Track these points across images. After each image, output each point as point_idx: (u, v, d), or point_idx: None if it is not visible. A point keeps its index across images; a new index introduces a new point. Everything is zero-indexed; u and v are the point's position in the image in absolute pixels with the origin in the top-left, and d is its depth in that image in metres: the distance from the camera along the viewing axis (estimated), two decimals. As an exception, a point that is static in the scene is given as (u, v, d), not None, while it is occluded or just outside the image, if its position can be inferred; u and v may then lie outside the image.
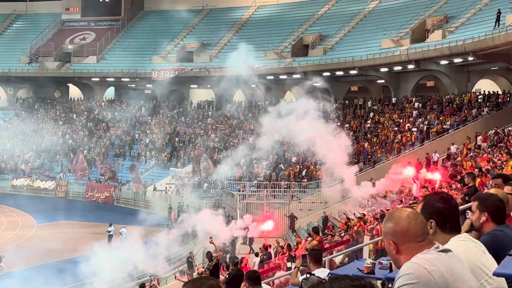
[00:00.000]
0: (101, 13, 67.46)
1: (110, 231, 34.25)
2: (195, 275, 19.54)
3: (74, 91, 66.56)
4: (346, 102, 51.64)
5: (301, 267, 9.33)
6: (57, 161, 55.89)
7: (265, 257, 20.91)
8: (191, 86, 59.79)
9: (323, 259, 13.55)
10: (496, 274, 3.37)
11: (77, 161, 51.89)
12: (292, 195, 38.75)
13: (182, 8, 63.49)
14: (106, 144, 55.96)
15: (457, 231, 3.69)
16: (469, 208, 5.82)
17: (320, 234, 19.14)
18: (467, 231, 4.36)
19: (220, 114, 56.48)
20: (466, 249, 3.56)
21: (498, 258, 3.70)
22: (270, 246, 24.81)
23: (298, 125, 26.13)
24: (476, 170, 16.68)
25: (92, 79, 62.91)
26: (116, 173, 50.61)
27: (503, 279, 3.55)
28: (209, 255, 17.86)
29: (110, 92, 65.46)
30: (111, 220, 35.70)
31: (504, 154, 23.88)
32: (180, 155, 51.47)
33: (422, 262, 3.01)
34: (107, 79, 62.50)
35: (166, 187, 47.27)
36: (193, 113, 58.44)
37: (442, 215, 3.67)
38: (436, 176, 24.70)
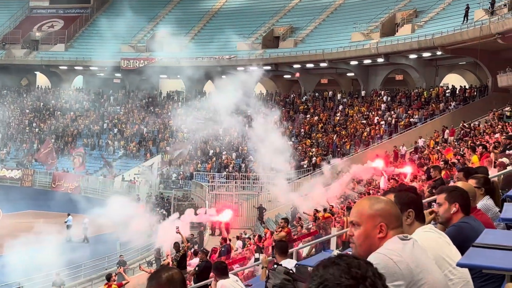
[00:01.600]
0: (70, 1, 66.56)
1: (67, 221, 34.07)
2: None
3: (42, 80, 65.64)
4: (316, 94, 51.82)
5: (269, 259, 9.34)
6: (23, 149, 55.11)
7: (223, 249, 20.88)
8: (161, 76, 59.38)
9: (291, 250, 13.60)
10: (460, 265, 3.41)
11: (46, 150, 51.22)
12: (261, 187, 38.79)
13: (152, -3, 63.08)
14: (74, 133, 55.34)
15: (423, 221, 3.77)
16: (435, 200, 5.88)
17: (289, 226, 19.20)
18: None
19: (189, 105, 56.19)
20: (431, 240, 3.60)
21: (463, 250, 3.74)
22: (237, 237, 24.85)
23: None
24: (442, 163, 16.87)
25: (60, 67, 62.09)
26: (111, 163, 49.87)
27: (466, 270, 3.59)
28: (176, 245, 17.80)
29: (78, 81, 64.67)
30: (76, 211, 35.43)
31: (468, 148, 24.22)
32: (149, 145, 51.14)
33: (389, 253, 3.01)
34: (75, 68, 61.74)
35: (134, 178, 46.96)
36: (163, 103, 58.10)
37: (417, 206, 3.76)
38: (407, 170, 25.03)
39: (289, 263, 8.32)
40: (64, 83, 63.01)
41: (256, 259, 16.68)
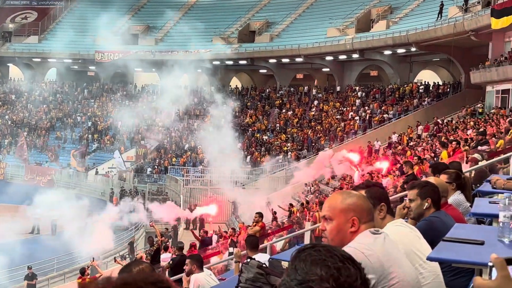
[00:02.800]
0: (44, -8, 65.71)
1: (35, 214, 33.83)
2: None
3: (15, 71, 64.72)
4: (291, 89, 51.93)
5: (242, 253, 9.35)
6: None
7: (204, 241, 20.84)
8: (136, 69, 58.97)
9: (265, 244, 13.63)
10: (430, 259, 3.44)
11: (19, 144, 50.64)
12: (236, 181, 38.77)
13: (128, -11, 62.49)
14: (47, 126, 54.74)
15: (394, 215, 3.81)
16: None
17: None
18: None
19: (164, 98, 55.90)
20: (401, 234, 3.63)
21: (433, 243, 3.78)
22: (214, 231, 24.81)
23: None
24: (415, 158, 17.05)
25: (33, 59, 61.31)
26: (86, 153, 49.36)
27: (436, 264, 3.63)
28: (150, 240, 17.75)
29: (52, 74, 63.93)
30: (49, 204, 35.02)
31: (436, 144, 24.53)
32: (124, 138, 50.76)
33: (360, 246, 3.03)
34: (49, 60, 61.01)
35: (108, 171, 46.64)
36: (137, 96, 57.71)
37: (388, 200, 3.81)
38: (384, 165, 25.20)
39: (262, 257, 8.35)
40: (37, 76, 62.25)
41: (230, 253, 16.68)
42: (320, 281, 1.88)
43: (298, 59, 49.84)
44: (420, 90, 42.31)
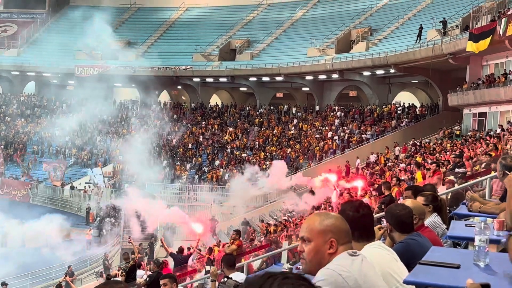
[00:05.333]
0: (24, 5, 65.38)
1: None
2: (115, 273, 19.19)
3: (-8, 84, 64.17)
4: (271, 107, 52.09)
5: (218, 272, 9.32)
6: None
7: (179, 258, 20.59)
8: (115, 84, 58.77)
9: (242, 263, 13.59)
10: (407, 282, 3.47)
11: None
12: (213, 199, 38.65)
13: (109, 4, 62.42)
14: (24, 140, 54.23)
15: (367, 239, 3.76)
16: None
17: (240, 238, 19.17)
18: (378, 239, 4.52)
19: (144, 114, 55.81)
20: (378, 256, 3.65)
21: (410, 266, 3.80)
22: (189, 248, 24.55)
23: None
24: (394, 179, 17.17)
25: (12, 72, 60.83)
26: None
27: (413, 287, 3.66)
28: (125, 255, 17.59)
29: (30, 87, 63.45)
30: (23, 219, 34.70)
31: (413, 165, 24.70)
32: (102, 154, 50.45)
33: (338, 268, 3.04)
34: (28, 74, 60.59)
35: (85, 187, 46.24)
36: (116, 112, 57.47)
37: (351, 223, 3.71)
38: (358, 183, 25.22)
39: (238, 276, 8.33)
40: (16, 89, 61.77)
41: (207, 272, 16.59)
42: None
43: (278, 78, 50.05)
44: (398, 111, 42.69)
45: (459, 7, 39.88)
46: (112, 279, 17.95)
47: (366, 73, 45.03)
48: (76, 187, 46.69)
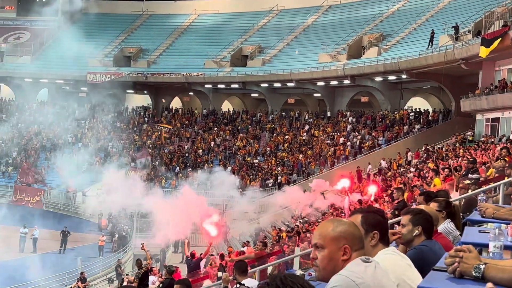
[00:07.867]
0: (37, 13, 65.80)
1: (23, 233, 33.72)
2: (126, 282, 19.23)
3: (6, 91, 64.58)
4: (283, 113, 52.09)
5: (230, 278, 9.31)
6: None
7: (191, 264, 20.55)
8: (128, 91, 59.01)
9: (254, 269, 13.57)
10: (421, 288, 3.44)
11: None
12: (225, 205, 38.62)
13: (122, 12, 62.77)
14: (37, 146, 54.51)
15: (387, 244, 3.79)
16: (398, 222, 5.95)
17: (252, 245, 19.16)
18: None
19: (156, 120, 56.01)
20: (392, 262, 3.63)
21: (423, 272, 3.78)
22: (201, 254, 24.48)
23: None
24: (401, 184, 17.09)
25: (25, 79, 61.20)
26: None
27: (427, 293, 3.63)
28: (138, 262, 17.62)
29: (43, 94, 63.82)
30: (34, 224, 34.95)
31: (431, 171, 24.50)
32: (114, 160, 50.56)
33: (351, 274, 3.03)
34: (41, 80, 60.96)
35: (97, 193, 46.30)
36: (128, 118, 57.69)
37: (383, 228, 3.76)
38: (372, 189, 25.04)
39: (250, 283, 8.31)
40: (29, 96, 62.12)
41: (219, 278, 16.57)
42: None
43: (290, 84, 50.06)
44: (410, 117, 42.54)
45: (471, 12, 39.72)
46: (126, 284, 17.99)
47: (378, 78, 44.94)
48: (87, 194, 46.82)
